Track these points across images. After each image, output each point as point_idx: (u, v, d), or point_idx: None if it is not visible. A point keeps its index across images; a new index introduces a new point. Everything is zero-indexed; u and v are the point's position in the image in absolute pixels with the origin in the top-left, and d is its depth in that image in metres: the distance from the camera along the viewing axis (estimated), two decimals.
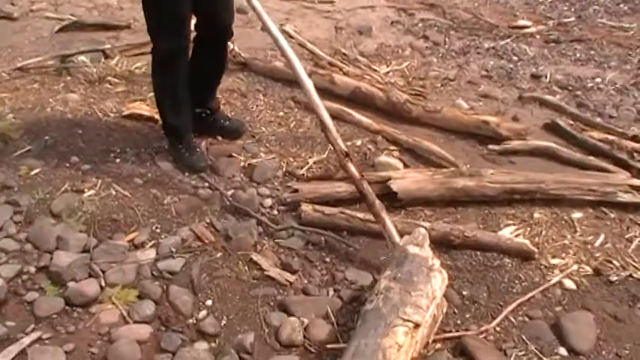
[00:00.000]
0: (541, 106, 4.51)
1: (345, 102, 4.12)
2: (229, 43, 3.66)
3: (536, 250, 3.04)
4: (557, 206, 3.40)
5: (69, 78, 4.44)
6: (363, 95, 4.16)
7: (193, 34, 3.43)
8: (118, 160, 3.51)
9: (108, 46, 4.83)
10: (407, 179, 3.29)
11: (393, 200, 3.21)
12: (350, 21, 5.77)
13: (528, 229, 3.23)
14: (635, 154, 3.94)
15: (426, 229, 2.80)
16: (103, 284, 2.69)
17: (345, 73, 4.46)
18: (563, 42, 5.62)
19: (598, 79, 4.99)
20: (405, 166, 3.60)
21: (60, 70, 4.51)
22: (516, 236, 3.14)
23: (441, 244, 3.01)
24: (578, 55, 5.42)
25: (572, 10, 6.44)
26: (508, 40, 5.58)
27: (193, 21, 3.39)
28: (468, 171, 3.45)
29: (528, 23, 5.95)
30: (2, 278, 2.67)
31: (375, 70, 4.68)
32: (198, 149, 3.56)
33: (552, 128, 4.17)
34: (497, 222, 3.27)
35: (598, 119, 4.35)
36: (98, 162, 3.48)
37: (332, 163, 3.61)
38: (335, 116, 3.89)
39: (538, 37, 5.72)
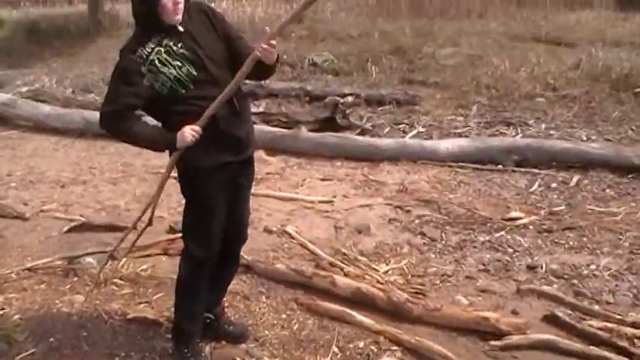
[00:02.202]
0: (539, 297, 4.50)
1: (347, 303, 4.17)
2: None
3: None
4: None
5: (75, 279, 4.55)
6: (363, 296, 4.22)
7: None
8: None
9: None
10: None
11: None
12: (349, 220, 5.86)
13: None
14: (636, 341, 3.92)
15: None
16: None
17: (346, 274, 4.54)
18: (556, 231, 5.66)
19: (592, 266, 5.00)
20: None
21: (67, 271, 4.63)
22: None
23: None
24: (571, 242, 5.45)
25: (562, 197, 6.50)
26: (503, 232, 5.64)
27: None
28: None
29: (521, 214, 6.02)
30: None
31: (375, 270, 4.74)
32: (203, 354, 3.59)
33: (552, 320, 4.18)
34: None
35: (596, 307, 4.34)
36: None
37: None
38: (337, 318, 4.01)
39: (531, 227, 5.77)
